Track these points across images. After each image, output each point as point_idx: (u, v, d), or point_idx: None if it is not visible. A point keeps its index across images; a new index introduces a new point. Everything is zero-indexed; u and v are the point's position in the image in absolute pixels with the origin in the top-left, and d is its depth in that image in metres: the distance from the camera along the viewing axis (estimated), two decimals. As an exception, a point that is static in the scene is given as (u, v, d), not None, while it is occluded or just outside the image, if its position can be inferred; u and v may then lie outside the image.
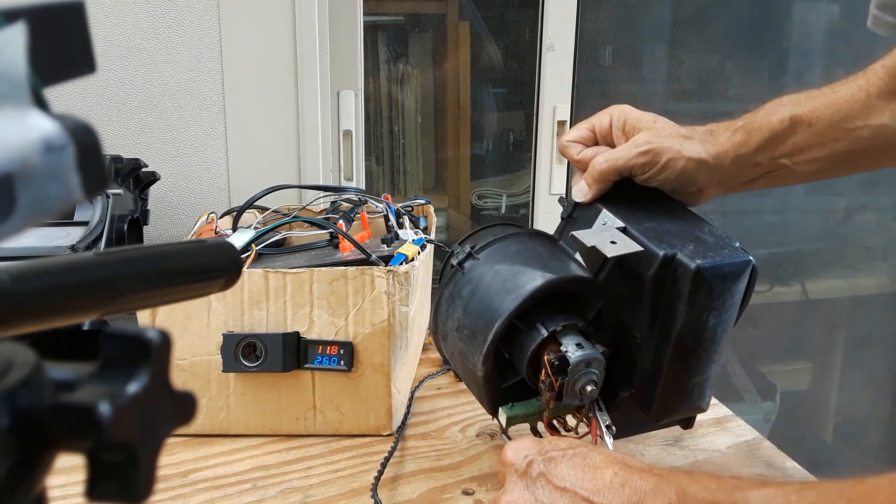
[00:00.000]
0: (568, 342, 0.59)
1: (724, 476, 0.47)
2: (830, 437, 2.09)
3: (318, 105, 1.19)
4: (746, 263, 0.59)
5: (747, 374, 1.98)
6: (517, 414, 0.64)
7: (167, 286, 0.28)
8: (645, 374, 0.62)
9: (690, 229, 0.62)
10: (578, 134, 0.70)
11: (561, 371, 0.59)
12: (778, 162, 0.69)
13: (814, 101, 0.69)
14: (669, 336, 0.59)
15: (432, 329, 0.70)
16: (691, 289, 0.57)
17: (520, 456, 0.53)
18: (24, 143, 0.20)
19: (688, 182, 0.67)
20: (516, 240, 0.66)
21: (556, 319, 0.60)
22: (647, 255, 0.59)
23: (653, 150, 0.65)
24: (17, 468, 0.21)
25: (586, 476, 0.49)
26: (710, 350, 0.60)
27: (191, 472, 0.72)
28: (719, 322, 0.59)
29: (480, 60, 1.71)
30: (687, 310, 0.58)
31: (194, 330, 0.76)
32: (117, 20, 1.10)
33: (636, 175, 0.66)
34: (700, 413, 0.67)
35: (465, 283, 0.64)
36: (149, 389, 0.22)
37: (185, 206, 1.18)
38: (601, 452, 0.52)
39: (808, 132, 0.68)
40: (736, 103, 1.87)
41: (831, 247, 2.03)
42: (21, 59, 0.21)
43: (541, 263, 0.62)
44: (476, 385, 0.65)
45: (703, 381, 0.62)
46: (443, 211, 1.75)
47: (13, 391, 0.21)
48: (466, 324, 0.62)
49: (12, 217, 0.20)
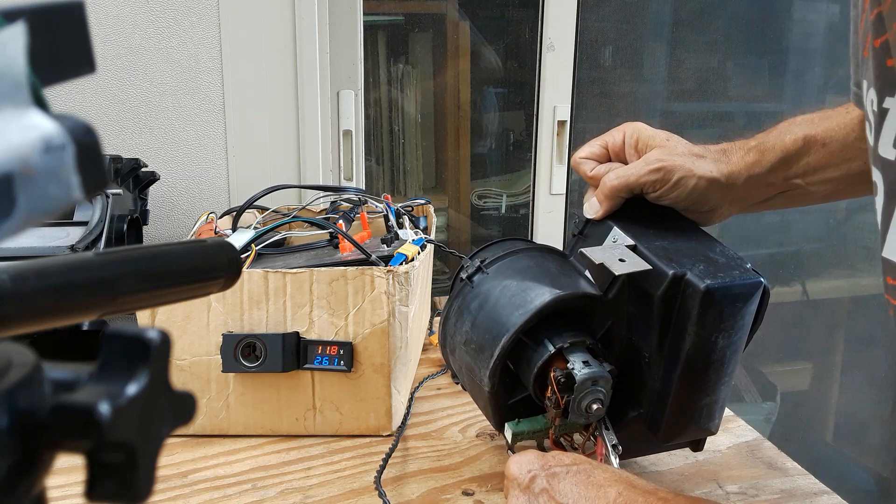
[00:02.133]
0: (575, 359, 0.59)
1: None
2: (831, 437, 2.09)
3: (317, 105, 1.19)
4: (757, 285, 0.58)
5: (748, 374, 1.98)
6: (523, 430, 0.63)
7: (167, 286, 0.28)
8: (654, 394, 0.61)
9: (702, 248, 0.61)
10: (591, 150, 0.70)
11: (567, 388, 0.58)
12: (792, 182, 0.68)
13: (827, 121, 0.68)
14: (678, 356, 0.58)
15: (440, 342, 0.70)
16: (700, 309, 0.56)
17: (523, 470, 0.53)
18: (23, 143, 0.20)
19: (700, 201, 0.66)
20: (527, 255, 0.66)
21: (563, 336, 0.60)
22: (656, 274, 0.58)
23: (664, 168, 0.64)
24: (16, 468, 0.21)
25: (589, 493, 0.49)
26: (720, 371, 0.60)
27: (190, 472, 0.72)
28: (729, 343, 0.59)
29: (480, 60, 1.71)
30: (696, 330, 0.57)
31: (194, 330, 0.76)
32: (117, 20, 1.10)
33: (647, 192, 0.66)
34: (709, 436, 0.66)
35: (473, 296, 0.64)
36: (148, 390, 0.22)
37: (184, 206, 1.18)
38: (605, 470, 0.51)
39: (822, 152, 0.67)
40: (736, 103, 1.87)
41: (832, 247, 2.03)
42: (21, 58, 0.21)
43: (550, 279, 0.62)
44: (482, 399, 0.65)
45: (713, 403, 0.61)
46: (443, 211, 1.75)
47: (12, 391, 0.21)
48: (474, 338, 0.62)
49: (12, 217, 0.20)
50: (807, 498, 0.69)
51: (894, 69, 0.46)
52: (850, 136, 0.67)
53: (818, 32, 1.90)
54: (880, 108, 0.48)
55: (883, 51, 0.47)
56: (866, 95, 0.50)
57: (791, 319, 2.04)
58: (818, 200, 0.71)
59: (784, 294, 2.01)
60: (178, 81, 1.14)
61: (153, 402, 0.23)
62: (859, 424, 2.08)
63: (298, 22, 1.15)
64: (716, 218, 0.70)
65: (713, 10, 1.86)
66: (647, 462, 0.74)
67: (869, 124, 0.50)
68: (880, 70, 0.48)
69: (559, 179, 1.48)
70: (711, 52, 1.87)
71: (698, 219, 0.69)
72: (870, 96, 0.49)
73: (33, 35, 0.21)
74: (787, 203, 0.71)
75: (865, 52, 0.50)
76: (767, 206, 0.71)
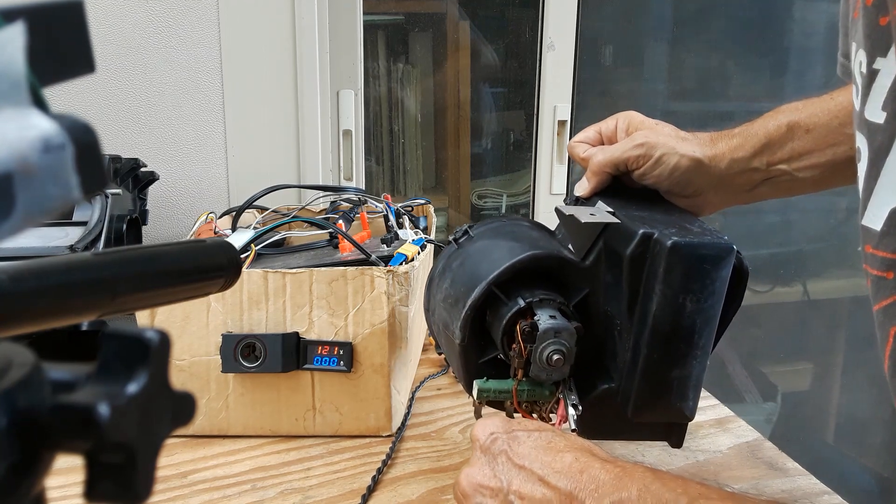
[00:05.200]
0: (542, 313, 0.60)
1: (692, 481, 0.46)
2: (832, 437, 2.09)
3: (317, 105, 1.19)
4: (727, 249, 0.58)
5: (748, 374, 1.98)
6: (490, 388, 0.63)
7: (166, 286, 0.28)
8: (624, 364, 0.61)
9: (679, 221, 0.62)
10: (585, 136, 0.74)
11: (530, 338, 0.59)
12: (777, 168, 0.69)
13: (812, 107, 0.70)
14: (646, 319, 0.59)
15: (424, 305, 0.71)
16: (666, 266, 0.57)
17: (486, 432, 0.53)
18: (23, 143, 0.20)
19: (682, 181, 0.68)
20: (513, 222, 0.69)
21: (535, 293, 0.61)
22: (626, 233, 0.59)
23: (647, 144, 0.67)
24: (16, 468, 0.21)
25: (546, 457, 0.49)
26: (690, 341, 0.59)
27: (190, 472, 0.72)
28: (698, 310, 0.58)
29: (480, 60, 1.71)
30: (663, 289, 0.57)
31: (193, 330, 0.76)
32: (117, 20, 1.10)
33: (631, 169, 0.69)
34: (684, 421, 0.64)
35: (456, 256, 0.67)
36: (148, 390, 0.22)
37: (184, 206, 1.18)
38: (567, 438, 0.51)
39: (806, 138, 0.69)
40: (736, 103, 1.87)
41: (832, 247, 2.03)
42: (20, 58, 0.21)
43: (529, 241, 0.64)
44: (454, 356, 0.66)
45: (684, 378, 0.61)
46: (443, 211, 1.75)
47: (12, 391, 0.21)
48: (451, 292, 0.64)
49: (11, 217, 0.20)
50: (807, 498, 0.69)
51: (887, 28, 0.45)
52: (834, 121, 0.68)
53: (818, 32, 1.90)
54: (870, 70, 0.47)
55: (875, 9, 0.46)
56: (854, 59, 0.50)
57: (792, 319, 2.04)
58: (807, 188, 0.71)
59: (785, 294, 2.00)
60: (178, 81, 1.14)
61: (153, 403, 0.23)
62: (860, 424, 2.08)
63: (298, 22, 1.15)
64: (704, 205, 0.71)
65: (713, 9, 1.86)
66: (646, 462, 0.74)
67: (856, 88, 0.50)
68: (871, 29, 0.47)
69: (559, 179, 1.48)
70: (712, 52, 1.87)
71: (686, 206, 0.70)
72: (858, 58, 0.49)
73: (33, 35, 0.21)
74: (776, 191, 0.71)
75: (856, 14, 0.50)
76: (757, 194, 0.72)
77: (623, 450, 0.75)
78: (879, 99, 0.47)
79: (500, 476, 0.50)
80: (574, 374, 0.62)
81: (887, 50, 0.45)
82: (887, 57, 0.46)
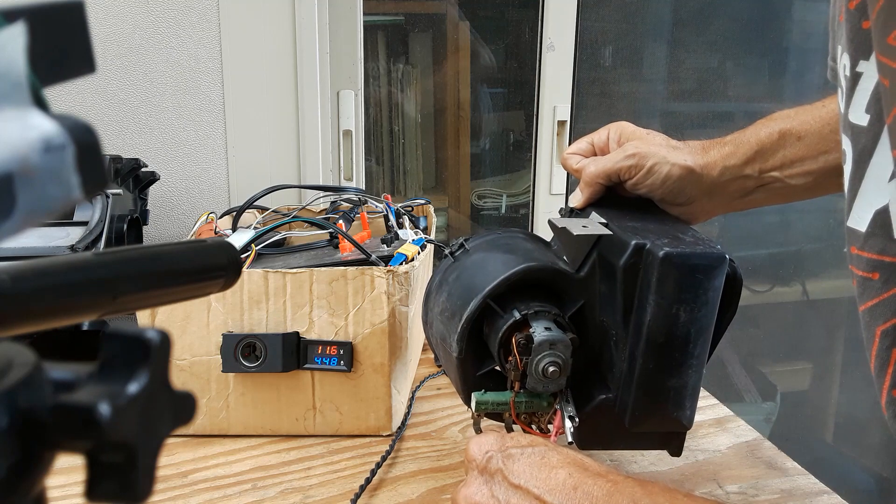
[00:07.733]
0: (537, 325, 0.60)
1: (678, 492, 0.47)
2: (831, 437, 2.09)
3: (317, 105, 1.19)
4: (720, 258, 0.58)
5: (748, 374, 1.98)
6: (488, 400, 0.63)
7: (166, 286, 0.28)
8: (621, 375, 0.62)
9: (672, 230, 0.63)
10: (578, 147, 0.74)
11: (526, 350, 0.59)
12: (770, 175, 0.70)
13: (803, 114, 0.70)
14: (641, 330, 0.59)
15: (422, 318, 0.71)
16: (658, 276, 0.57)
17: (481, 451, 0.54)
18: (23, 143, 0.20)
19: (675, 190, 0.69)
20: (508, 235, 0.69)
21: (531, 305, 0.61)
22: (619, 244, 0.60)
23: (638, 154, 0.68)
24: (16, 468, 0.21)
25: (541, 475, 0.50)
26: (685, 350, 0.59)
27: (190, 472, 0.72)
28: (692, 319, 0.58)
29: (480, 60, 1.71)
30: (656, 300, 0.58)
31: (194, 330, 0.76)
32: (117, 20, 1.10)
33: (624, 179, 0.69)
34: (681, 430, 0.65)
35: (452, 269, 0.67)
36: (148, 390, 0.22)
37: (184, 206, 1.18)
38: (560, 452, 0.52)
39: (798, 145, 0.69)
40: (736, 103, 1.87)
41: (832, 247, 2.03)
42: (21, 58, 0.21)
43: (524, 254, 0.64)
44: (452, 368, 0.66)
45: (681, 387, 0.61)
46: (443, 211, 1.75)
47: (13, 391, 0.21)
48: (448, 306, 0.64)
49: (12, 217, 0.20)
50: (807, 498, 0.69)
51: (869, 32, 0.45)
52: (826, 128, 0.69)
53: (818, 32, 1.89)
54: (853, 73, 0.48)
55: (858, 13, 0.47)
56: (840, 62, 0.50)
57: (791, 319, 2.04)
58: (801, 195, 0.72)
59: (784, 294, 2.00)
60: (178, 81, 1.14)
61: (153, 402, 0.23)
62: (859, 424, 2.08)
63: (298, 22, 1.15)
64: (698, 213, 0.72)
65: (713, 10, 1.86)
66: (646, 462, 0.74)
67: (841, 90, 0.50)
68: (854, 33, 0.47)
69: (559, 179, 1.48)
70: (711, 52, 1.87)
71: (680, 214, 0.70)
72: (843, 61, 0.49)
73: (33, 35, 0.21)
74: (770, 198, 0.72)
75: (841, 17, 0.50)
76: (751, 201, 0.72)
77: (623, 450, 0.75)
78: (863, 101, 0.47)
79: (497, 496, 0.51)
80: (571, 385, 0.63)
81: (869, 53, 0.46)
82: (870, 60, 0.46)
